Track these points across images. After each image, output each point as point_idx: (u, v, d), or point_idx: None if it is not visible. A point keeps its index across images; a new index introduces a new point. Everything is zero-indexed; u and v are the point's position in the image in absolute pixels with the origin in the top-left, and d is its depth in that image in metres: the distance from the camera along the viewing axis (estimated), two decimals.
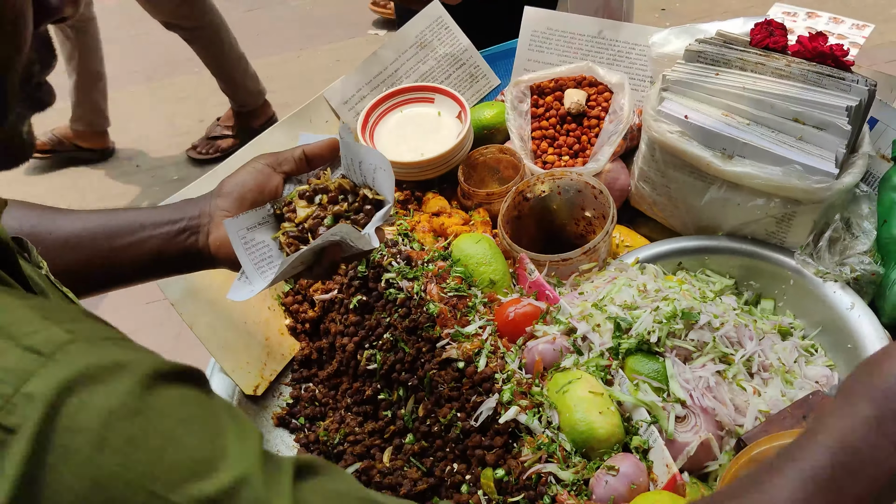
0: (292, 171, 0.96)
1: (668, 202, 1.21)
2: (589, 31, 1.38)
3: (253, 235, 0.91)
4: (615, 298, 1.02)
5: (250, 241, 0.90)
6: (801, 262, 1.11)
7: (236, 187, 0.93)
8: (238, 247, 0.88)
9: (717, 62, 1.18)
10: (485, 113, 1.33)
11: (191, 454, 0.45)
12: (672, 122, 1.14)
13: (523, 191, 1.20)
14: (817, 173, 1.05)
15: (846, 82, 1.11)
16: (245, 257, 0.89)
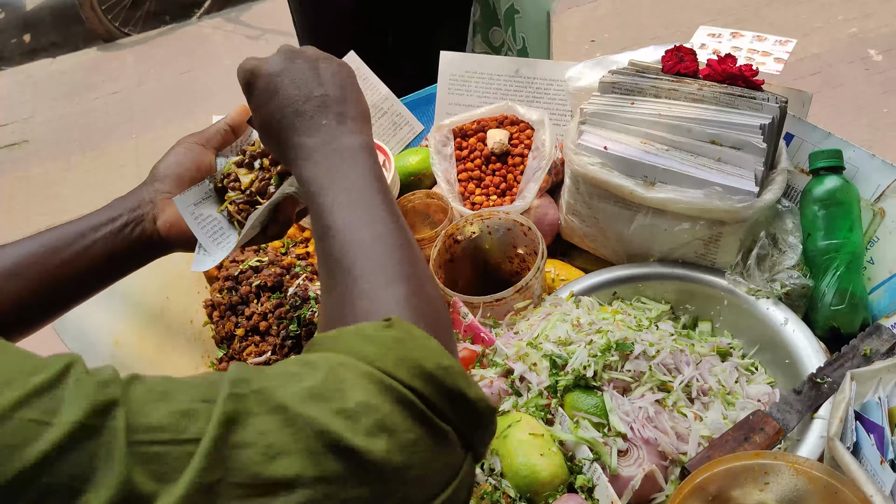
0: (221, 145, 0.97)
1: (598, 233, 1.21)
2: (506, 71, 1.39)
3: (200, 211, 0.91)
4: (550, 335, 1.01)
5: (199, 217, 0.90)
6: (733, 282, 1.12)
7: (172, 168, 0.92)
8: (191, 222, 0.88)
9: (632, 91, 1.20)
10: (410, 159, 1.33)
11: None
12: (592, 154, 1.15)
13: (453, 234, 1.19)
14: (738, 193, 1.07)
15: (757, 101, 1.13)
16: (199, 231, 0.89)
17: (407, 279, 0.61)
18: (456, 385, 0.53)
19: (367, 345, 0.53)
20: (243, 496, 0.45)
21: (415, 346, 0.54)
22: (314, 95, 0.74)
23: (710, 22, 3.39)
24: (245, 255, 1.19)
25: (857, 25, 3.38)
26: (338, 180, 0.68)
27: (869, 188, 1.12)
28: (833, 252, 1.08)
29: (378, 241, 0.63)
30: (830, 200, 1.10)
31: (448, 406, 0.52)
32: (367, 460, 0.47)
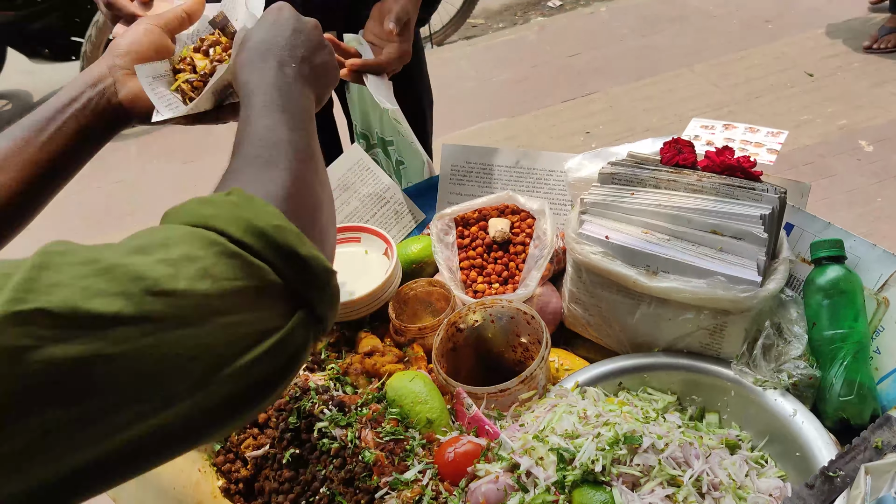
0: (177, 30, 1.06)
1: (602, 322, 1.20)
2: (506, 162, 1.41)
3: (157, 86, 0.99)
4: (556, 428, 0.99)
5: (156, 90, 0.98)
6: (739, 372, 1.11)
7: (132, 46, 0.99)
8: (147, 88, 0.96)
9: (632, 182, 1.21)
10: (412, 248, 1.34)
11: None
12: (594, 244, 1.15)
13: (456, 322, 1.18)
14: (742, 283, 1.06)
15: (757, 192, 1.14)
16: (153, 95, 0.97)
17: (287, 171, 0.67)
18: (287, 242, 0.57)
19: (205, 208, 0.57)
20: (63, 327, 0.45)
21: (250, 209, 0.58)
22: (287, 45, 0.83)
23: (701, 114, 3.48)
24: None
25: (847, 117, 3.46)
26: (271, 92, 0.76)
27: (871, 277, 1.13)
28: (839, 341, 1.08)
29: (278, 141, 0.70)
30: (834, 290, 1.10)
31: (280, 261, 0.56)
32: (186, 303, 0.50)
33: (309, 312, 0.59)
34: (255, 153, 0.69)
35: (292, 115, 0.75)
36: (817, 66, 3.85)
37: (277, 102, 0.75)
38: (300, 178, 0.68)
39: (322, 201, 0.71)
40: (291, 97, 0.77)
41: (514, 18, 5.12)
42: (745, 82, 3.83)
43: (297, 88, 0.79)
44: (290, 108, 0.75)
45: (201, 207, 0.58)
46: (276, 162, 0.68)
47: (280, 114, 0.74)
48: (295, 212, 0.63)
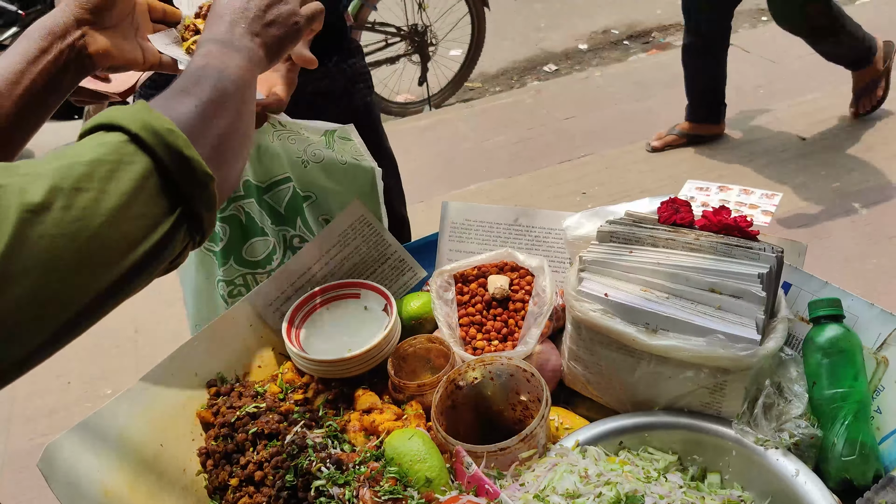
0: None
1: (601, 380, 1.20)
2: (505, 220, 1.43)
3: (171, 50, 1.12)
4: (557, 487, 0.98)
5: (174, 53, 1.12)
6: (740, 432, 1.10)
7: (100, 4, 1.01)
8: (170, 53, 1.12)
9: (630, 241, 1.22)
10: (412, 304, 1.34)
11: None
12: (593, 301, 1.15)
13: (455, 379, 1.18)
14: (741, 341, 1.07)
15: (754, 251, 1.15)
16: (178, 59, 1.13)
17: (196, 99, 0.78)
18: (175, 143, 0.69)
19: (113, 111, 0.70)
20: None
21: (148, 114, 0.70)
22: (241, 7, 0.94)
23: (696, 177, 3.52)
24: (242, 401, 1.17)
25: (840, 180, 3.51)
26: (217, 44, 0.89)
27: (870, 337, 1.13)
28: (840, 401, 1.07)
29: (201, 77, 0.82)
30: (833, 349, 1.10)
31: (167, 157, 0.69)
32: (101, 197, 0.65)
33: (187, 209, 0.71)
34: (178, 85, 0.80)
35: (226, 61, 0.86)
36: (809, 130, 3.92)
37: (218, 51, 0.87)
38: (208, 109, 0.79)
39: (227, 134, 0.81)
40: (232, 47, 0.89)
41: (511, 82, 5.23)
42: (738, 146, 3.90)
43: (243, 42, 0.91)
44: (227, 55, 0.87)
45: (110, 112, 0.70)
46: (190, 92, 0.79)
47: (215, 58, 0.85)
48: (192, 133, 0.73)
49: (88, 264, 0.64)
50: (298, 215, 1.50)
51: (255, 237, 1.52)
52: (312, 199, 1.49)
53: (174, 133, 0.70)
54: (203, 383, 1.22)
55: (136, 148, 0.68)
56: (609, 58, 5.37)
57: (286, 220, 1.50)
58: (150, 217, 0.68)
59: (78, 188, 0.63)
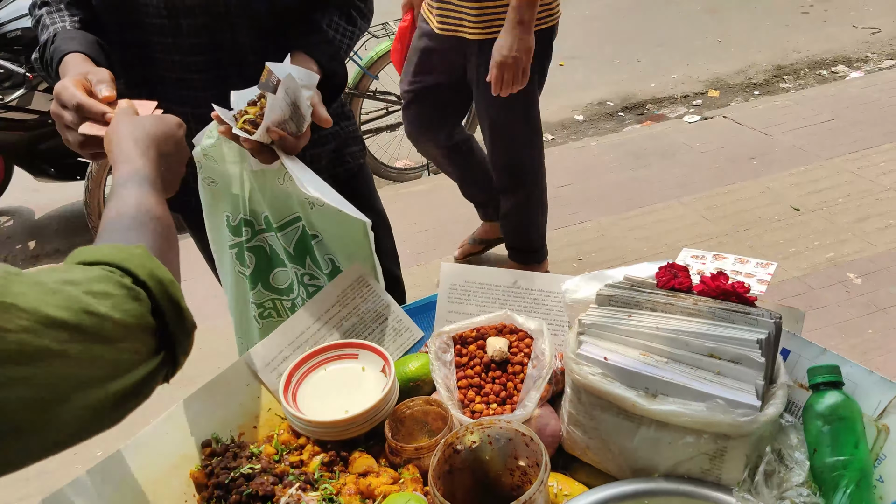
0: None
1: (601, 445, 1.19)
2: (504, 282, 1.43)
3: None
4: None
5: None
6: (741, 499, 1.08)
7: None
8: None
9: (629, 305, 1.23)
10: (410, 365, 1.33)
11: None
12: (593, 364, 1.15)
13: (453, 443, 1.16)
14: (741, 406, 1.06)
15: (752, 316, 1.16)
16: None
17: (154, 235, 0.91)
18: (175, 293, 0.79)
19: (118, 253, 0.78)
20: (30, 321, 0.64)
21: (151, 262, 0.79)
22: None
23: (691, 245, 3.55)
24: (237, 462, 1.15)
25: (834, 250, 3.54)
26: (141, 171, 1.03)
27: (870, 404, 1.12)
28: (841, 469, 1.06)
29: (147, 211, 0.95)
30: (833, 416, 1.10)
31: (168, 306, 0.78)
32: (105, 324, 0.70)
33: (170, 354, 0.80)
34: (131, 216, 0.92)
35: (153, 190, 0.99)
36: (802, 200, 3.97)
37: (144, 178, 1.00)
38: (164, 248, 0.91)
39: (175, 265, 0.92)
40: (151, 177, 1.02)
41: None
42: (732, 214, 3.94)
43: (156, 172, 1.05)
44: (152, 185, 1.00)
45: (115, 252, 0.78)
46: (145, 227, 0.91)
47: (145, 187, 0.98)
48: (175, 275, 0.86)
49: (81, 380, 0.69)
50: (308, 254, 1.58)
51: (277, 267, 1.63)
52: (319, 239, 1.54)
53: (175, 284, 0.80)
54: (198, 443, 1.20)
55: (141, 291, 0.76)
56: (604, 128, 5.46)
57: (296, 259, 1.59)
58: (142, 353, 0.76)
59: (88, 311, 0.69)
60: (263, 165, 1.41)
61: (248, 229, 1.57)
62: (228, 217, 1.56)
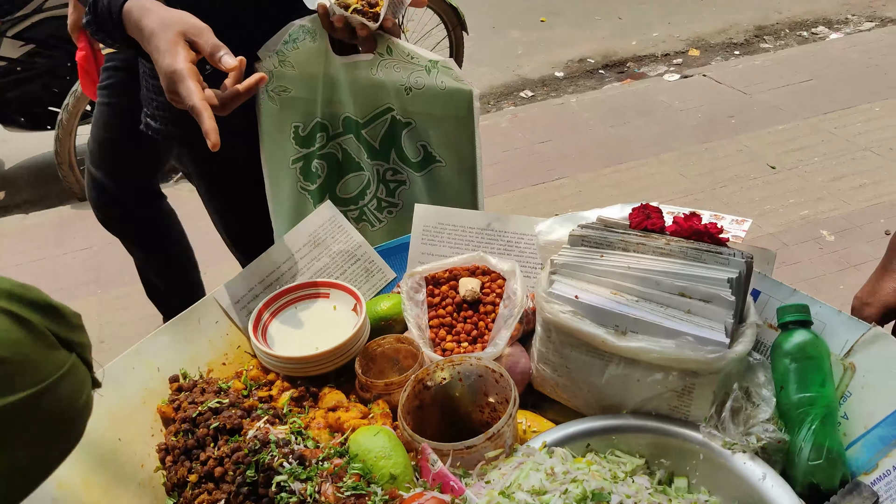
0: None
1: (570, 383, 1.19)
2: (478, 224, 1.42)
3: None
4: (523, 484, 0.97)
5: None
6: (708, 435, 1.09)
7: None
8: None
9: (601, 245, 1.22)
10: (381, 305, 1.32)
11: None
12: (564, 303, 1.15)
13: (423, 379, 1.16)
14: (709, 343, 1.07)
15: (724, 256, 1.16)
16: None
17: None
18: (37, 297, 0.70)
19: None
20: None
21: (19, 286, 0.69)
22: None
23: (668, 202, 3.56)
24: (205, 397, 1.14)
25: (808, 208, 3.56)
26: None
27: (837, 343, 1.13)
28: (807, 406, 1.07)
29: None
30: (801, 354, 1.11)
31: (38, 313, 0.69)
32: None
33: (79, 354, 0.72)
34: None
35: None
36: (778, 159, 3.99)
37: None
38: None
39: None
40: None
41: (488, 106, 5.26)
42: (709, 172, 3.95)
43: None
44: None
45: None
46: None
47: None
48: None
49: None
50: (393, 147, 1.59)
51: (349, 173, 1.62)
52: (412, 126, 1.56)
53: (28, 288, 0.70)
54: (165, 379, 1.19)
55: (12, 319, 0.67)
56: (584, 86, 5.43)
57: (380, 155, 1.59)
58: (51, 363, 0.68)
59: None
60: (358, 57, 1.45)
61: (323, 135, 1.57)
62: (298, 127, 1.56)
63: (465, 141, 1.55)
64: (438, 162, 1.60)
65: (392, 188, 1.64)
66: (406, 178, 1.62)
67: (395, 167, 1.61)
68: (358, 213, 1.67)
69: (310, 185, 1.61)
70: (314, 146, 1.57)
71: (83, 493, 1.02)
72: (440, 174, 1.61)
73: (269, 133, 1.55)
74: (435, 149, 1.58)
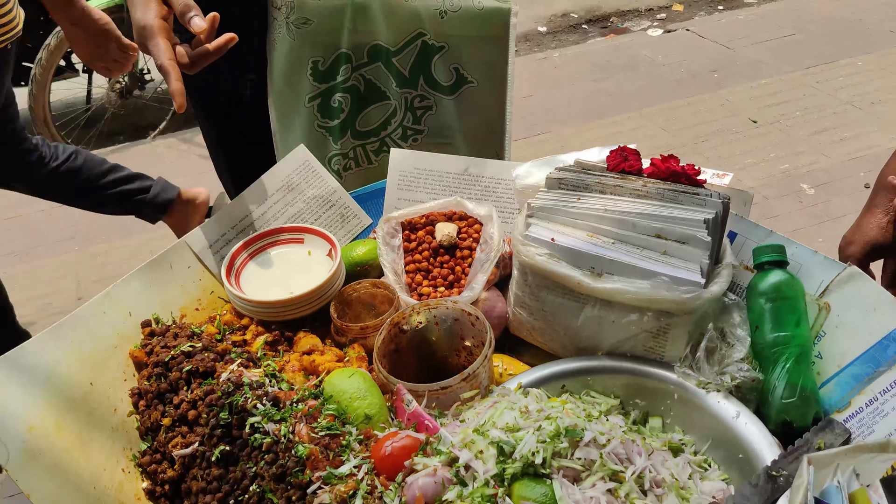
0: None
1: (546, 326, 1.19)
2: (455, 169, 1.40)
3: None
4: (497, 422, 0.97)
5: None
6: (682, 375, 1.10)
7: None
8: None
9: (578, 188, 1.21)
10: (357, 250, 1.31)
11: None
12: (540, 245, 1.14)
13: (399, 322, 1.15)
14: (685, 284, 1.06)
15: (700, 197, 1.15)
16: None
17: None
18: None
19: None
20: None
21: None
22: None
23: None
24: (178, 341, 1.13)
25: (789, 162, 3.57)
26: None
27: (813, 283, 1.14)
28: (781, 345, 1.08)
29: None
30: (776, 294, 1.11)
31: None
32: None
33: None
34: None
35: None
36: (760, 113, 3.98)
37: None
38: None
39: None
40: None
41: None
42: (691, 127, 3.93)
43: None
44: None
45: None
46: None
47: None
48: None
49: None
50: (422, 73, 1.57)
51: (372, 105, 1.60)
52: (445, 50, 1.55)
53: None
54: (137, 324, 1.18)
55: None
56: (567, 41, 5.37)
57: (409, 82, 1.57)
58: None
59: None
60: None
61: (347, 66, 1.55)
62: (317, 62, 1.53)
63: (500, 60, 1.55)
64: (470, 83, 1.59)
65: (419, 115, 1.63)
66: (433, 104, 1.61)
67: (423, 93, 1.60)
68: (378, 145, 1.65)
69: (329, 121, 1.59)
70: (336, 79, 1.55)
71: (55, 436, 1.01)
72: (472, 95, 1.60)
73: (282, 72, 1.51)
74: (468, 70, 1.57)
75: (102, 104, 4.46)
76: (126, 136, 4.50)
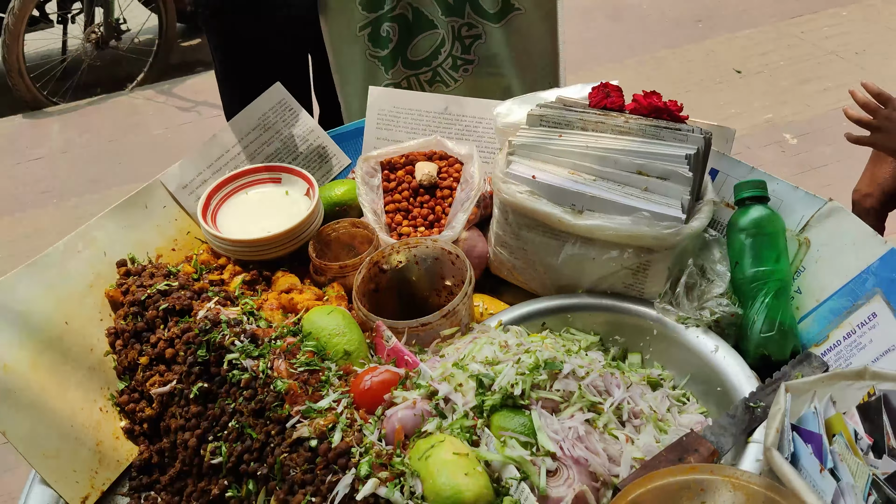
0: None
1: (526, 265, 1.18)
2: (435, 108, 1.38)
3: None
4: (476, 356, 0.96)
5: None
6: (662, 311, 1.10)
7: None
8: None
9: (559, 124, 1.19)
10: (336, 190, 1.29)
11: None
12: (520, 183, 1.13)
13: (378, 261, 1.14)
14: (666, 219, 1.06)
15: (682, 133, 1.14)
16: None
17: None
18: None
19: None
20: None
21: None
22: None
23: None
24: (154, 280, 1.12)
25: (772, 112, 3.55)
26: None
27: (794, 219, 1.13)
28: (761, 280, 1.08)
29: None
30: (757, 230, 1.10)
31: None
32: None
33: None
34: None
35: None
36: (745, 63, 3.95)
37: None
38: None
39: None
40: None
41: None
42: (676, 76, 3.90)
43: None
44: None
45: None
46: None
47: None
48: None
49: None
50: (468, 1, 1.55)
51: (421, 34, 1.59)
52: None
53: None
54: (112, 263, 1.16)
55: None
56: None
57: (455, 10, 1.56)
58: None
59: None
60: None
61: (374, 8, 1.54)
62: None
63: None
64: (518, 10, 1.57)
65: (468, 44, 1.60)
66: (482, 32, 1.58)
67: (471, 21, 1.58)
68: (431, 75, 1.64)
69: (380, 51, 1.58)
70: (384, 8, 1.53)
71: (30, 375, 1.00)
72: (520, 22, 1.58)
73: (332, 7, 1.52)
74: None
75: (78, 55, 4.36)
76: (103, 88, 4.40)
